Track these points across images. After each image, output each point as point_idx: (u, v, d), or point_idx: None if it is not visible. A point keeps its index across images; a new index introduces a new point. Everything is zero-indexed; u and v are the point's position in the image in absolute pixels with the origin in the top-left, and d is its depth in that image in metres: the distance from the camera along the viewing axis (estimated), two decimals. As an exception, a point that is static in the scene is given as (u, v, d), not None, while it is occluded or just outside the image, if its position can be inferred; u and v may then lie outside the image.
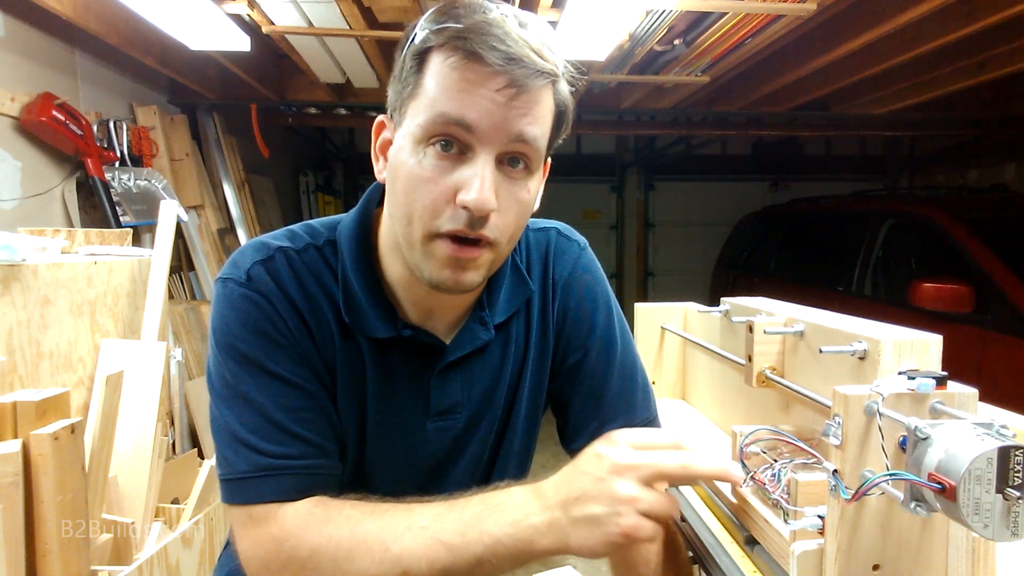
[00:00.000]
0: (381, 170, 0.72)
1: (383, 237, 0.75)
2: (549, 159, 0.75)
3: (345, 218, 0.77)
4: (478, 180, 0.62)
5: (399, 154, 0.66)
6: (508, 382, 0.82)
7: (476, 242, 0.65)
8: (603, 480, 0.59)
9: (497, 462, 0.85)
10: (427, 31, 0.63)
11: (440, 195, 0.63)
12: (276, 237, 0.75)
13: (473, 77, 0.61)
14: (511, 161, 0.65)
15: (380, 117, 0.72)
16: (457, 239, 0.65)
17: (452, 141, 0.63)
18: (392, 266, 0.75)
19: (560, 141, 0.74)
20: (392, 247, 0.74)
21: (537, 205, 0.74)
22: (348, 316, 0.73)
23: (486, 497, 0.64)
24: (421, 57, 0.64)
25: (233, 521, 0.69)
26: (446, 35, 0.62)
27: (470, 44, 0.60)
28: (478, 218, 0.63)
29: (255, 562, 0.66)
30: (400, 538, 0.63)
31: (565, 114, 0.70)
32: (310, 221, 0.78)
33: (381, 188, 0.76)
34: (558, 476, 0.63)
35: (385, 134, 0.71)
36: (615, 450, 0.61)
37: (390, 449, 0.78)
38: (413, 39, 0.65)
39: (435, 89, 0.62)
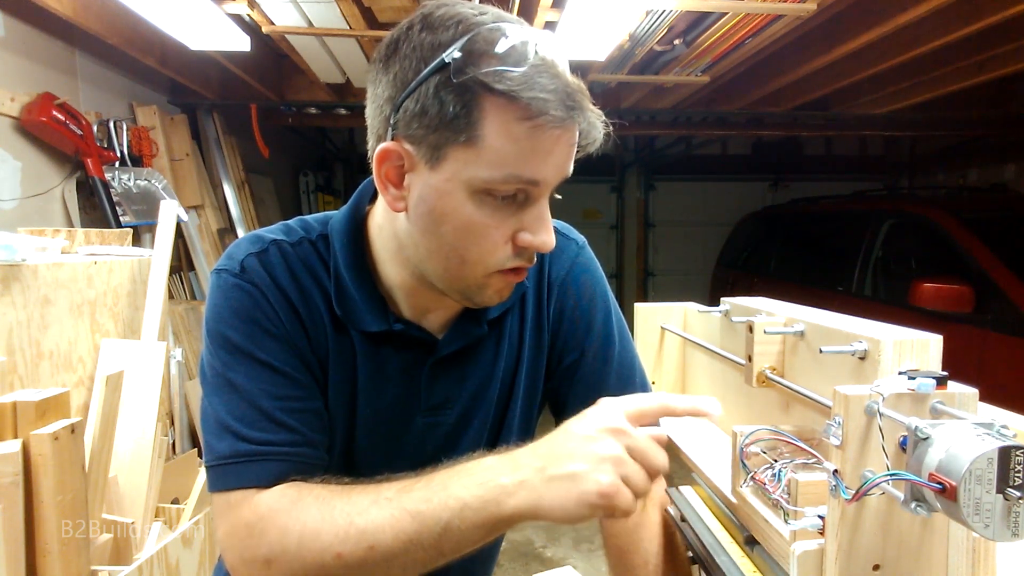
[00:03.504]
0: (397, 199, 0.67)
1: (380, 239, 0.75)
2: None
3: (337, 214, 0.77)
4: (542, 225, 0.66)
5: (444, 198, 0.64)
6: (502, 380, 0.82)
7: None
8: (592, 439, 0.58)
9: None
10: (472, 69, 0.59)
11: (501, 238, 0.65)
12: (271, 231, 0.75)
13: (550, 138, 0.61)
14: None
15: (386, 145, 0.65)
16: (515, 270, 0.68)
17: (519, 193, 0.64)
18: (391, 271, 0.75)
19: None
20: (394, 256, 0.73)
21: None
22: (340, 309, 0.73)
23: (456, 466, 0.63)
24: (469, 99, 0.60)
25: (215, 510, 0.69)
26: (506, 84, 0.58)
27: (542, 104, 0.59)
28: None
29: (231, 551, 0.65)
30: (365, 511, 0.61)
31: None
32: (304, 216, 0.79)
33: (373, 185, 0.76)
34: (539, 440, 0.62)
35: (398, 162, 0.66)
36: (607, 413, 0.60)
37: (380, 443, 0.78)
38: (441, 66, 0.60)
39: (506, 149, 0.60)
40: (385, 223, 0.73)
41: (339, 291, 0.73)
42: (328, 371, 0.74)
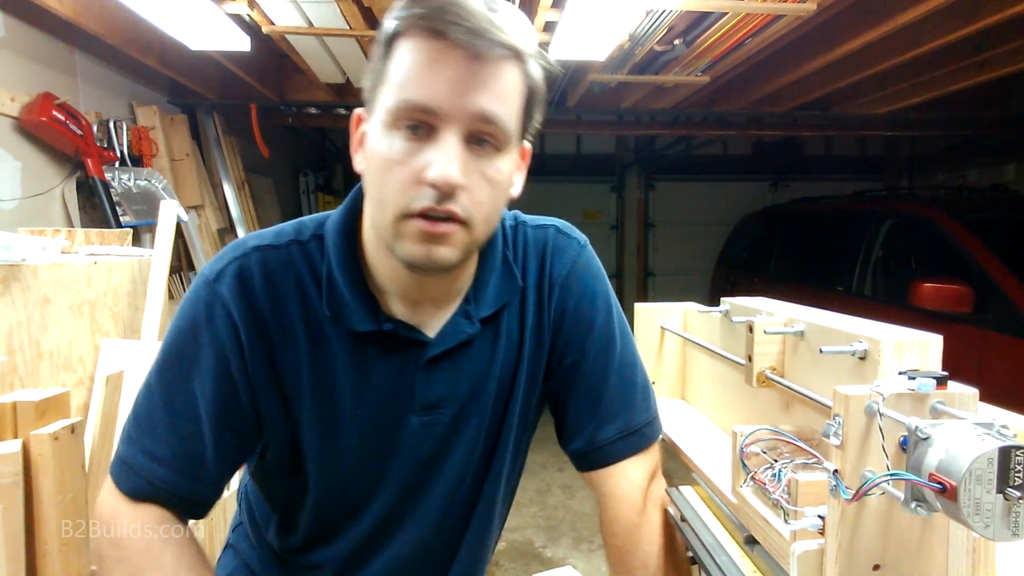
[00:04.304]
0: (360, 162, 0.72)
1: (368, 230, 0.75)
2: (528, 144, 0.76)
3: (334, 213, 0.77)
4: (441, 157, 0.63)
5: (371, 141, 0.68)
6: (500, 378, 0.81)
7: (447, 218, 0.65)
8: None
9: (494, 459, 0.84)
10: (394, 18, 0.65)
11: (409, 176, 0.64)
12: (260, 236, 0.76)
13: (434, 55, 0.63)
14: (478, 141, 0.66)
15: (358, 111, 0.72)
16: (427, 216, 0.65)
17: (419, 124, 0.64)
18: (378, 258, 0.74)
19: (535, 125, 0.73)
20: (376, 238, 0.73)
21: (517, 191, 0.74)
22: (329, 310, 0.73)
23: None
24: (388, 44, 0.66)
25: (109, 473, 0.75)
26: (409, 20, 0.63)
27: (431, 23, 0.62)
28: (446, 194, 0.64)
29: (99, 512, 0.74)
30: None
31: (536, 95, 0.70)
32: (302, 218, 0.79)
33: None
34: None
35: (363, 127, 0.71)
36: None
37: (374, 442, 0.77)
38: (382, 28, 0.67)
39: (399, 74, 0.64)
40: (366, 202, 0.74)
41: (331, 291, 0.73)
42: (302, 376, 0.74)
